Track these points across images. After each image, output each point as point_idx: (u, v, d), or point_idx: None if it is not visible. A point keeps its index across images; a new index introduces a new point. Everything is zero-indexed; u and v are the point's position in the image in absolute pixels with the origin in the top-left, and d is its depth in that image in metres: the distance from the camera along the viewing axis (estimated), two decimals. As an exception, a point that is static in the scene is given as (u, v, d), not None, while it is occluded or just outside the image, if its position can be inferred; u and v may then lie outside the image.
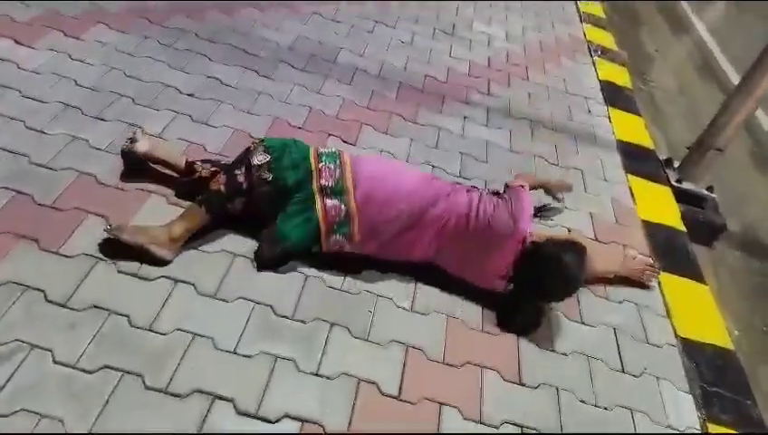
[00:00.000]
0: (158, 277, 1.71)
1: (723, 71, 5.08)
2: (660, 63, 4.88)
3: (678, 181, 3.01)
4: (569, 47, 4.01)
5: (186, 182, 1.95)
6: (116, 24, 2.78)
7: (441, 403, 1.63)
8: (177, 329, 1.60)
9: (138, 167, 1.99)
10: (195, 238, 1.81)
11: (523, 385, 1.74)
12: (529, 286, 1.86)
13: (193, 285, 1.72)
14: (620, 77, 3.80)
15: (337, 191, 1.82)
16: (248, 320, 1.68)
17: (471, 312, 1.91)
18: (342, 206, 1.82)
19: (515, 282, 1.89)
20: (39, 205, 1.82)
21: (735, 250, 3.17)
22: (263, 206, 1.83)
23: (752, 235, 3.39)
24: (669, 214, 2.71)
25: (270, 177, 1.78)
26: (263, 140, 1.85)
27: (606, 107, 3.41)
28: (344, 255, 1.89)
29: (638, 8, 5.80)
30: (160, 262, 1.73)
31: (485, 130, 2.87)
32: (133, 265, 1.72)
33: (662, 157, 3.16)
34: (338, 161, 1.87)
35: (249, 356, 1.59)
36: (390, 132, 2.66)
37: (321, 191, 1.81)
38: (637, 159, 3.01)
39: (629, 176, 2.86)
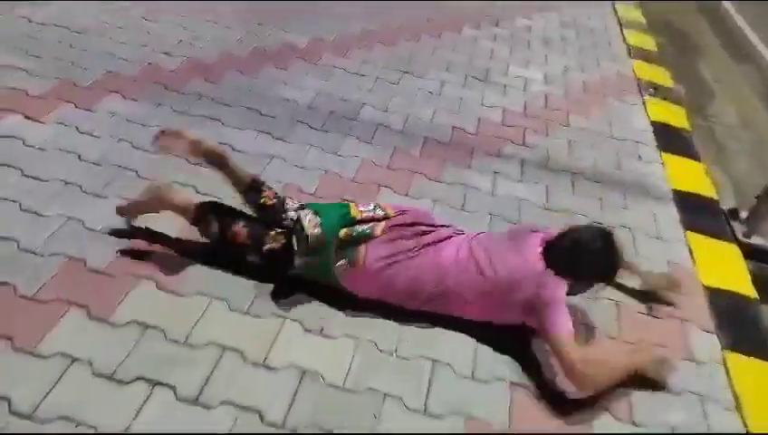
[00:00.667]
0: (134, 380, 1.54)
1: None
2: (721, 96, 4.45)
3: (746, 236, 2.62)
4: (616, 86, 3.70)
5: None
6: (130, 91, 2.74)
7: None
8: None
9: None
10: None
11: None
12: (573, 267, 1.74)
13: (173, 388, 1.54)
14: (675, 117, 3.44)
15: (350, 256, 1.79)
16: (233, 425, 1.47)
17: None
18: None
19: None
20: (20, 296, 1.70)
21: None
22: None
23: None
24: (737, 277, 2.33)
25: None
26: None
27: (659, 152, 3.06)
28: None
29: (694, 38, 5.40)
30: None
31: (519, 185, 2.61)
32: (110, 365, 1.55)
33: (727, 207, 2.78)
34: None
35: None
36: (411, 193, 2.45)
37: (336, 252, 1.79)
38: (696, 212, 2.65)
39: (688, 233, 2.50)
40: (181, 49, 3.20)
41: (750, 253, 2.55)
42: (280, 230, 1.83)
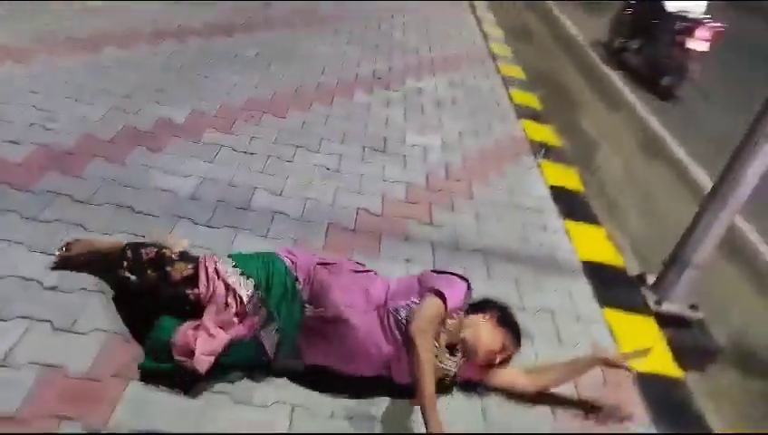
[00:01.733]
0: None
1: (666, 143, 4.94)
2: (604, 145, 4.68)
3: (658, 303, 2.63)
4: (510, 149, 3.71)
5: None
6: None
7: None
8: None
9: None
10: None
11: None
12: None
13: None
14: (570, 179, 3.49)
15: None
16: None
17: None
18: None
19: None
20: None
21: (733, 374, 2.77)
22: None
23: (749, 351, 3.00)
24: (660, 357, 2.29)
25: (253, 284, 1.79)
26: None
27: (562, 219, 3.05)
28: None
29: (570, 89, 5.70)
30: None
31: (433, 274, 2.42)
32: None
33: (634, 273, 2.80)
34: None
35: None
36: (318, 297, 2.17)
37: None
38: (608, 285, 2.62)
39: (605, 309, 2.45)
40: (32, 134, 2.71)
41: (663, 320, 2.55)
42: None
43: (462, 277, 1.92)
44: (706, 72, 5.94)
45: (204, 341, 1.67)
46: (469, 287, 1.90)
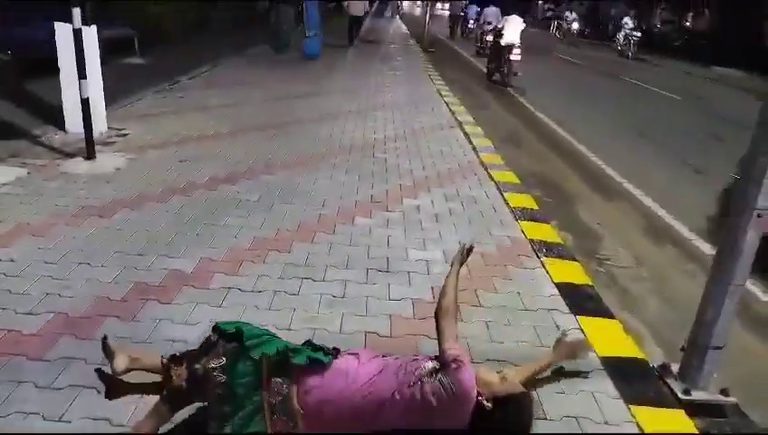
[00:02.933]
0: None
1: (671, 227, 4.96)
2: (608, 237, 4.71)
3: (686, 392, 2.51)
4: (513, 253, 3.75)
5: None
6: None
7: None
8: None
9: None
10: None
11: None
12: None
13: None
14: (576, 274, 3.49)
15: (286, 411, 1.93)
16: None
17: None
18: (291, 423, 1.93)
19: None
20: None
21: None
22: (212, 404, 1.95)
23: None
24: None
25: (224, 379, 1.93)
26: (219, 334, 2.05)
27: (574, 316, 3.01)
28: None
29: (566, 187, 5.85)
30: None
31: (448, 391, 2.37)
32: None
33: (655, 364, 2.70)
34: (290, 380, 1.96)
35: None
36: (332, 432, 2.12)
37: (271, 408, 1.92)
38: (632, 381, 2.53)
39: (633, 408, 2.34)
40: (47, 304, 2.83)
41: (694, 409, 2.43)
42: None
43: None
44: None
45: None
46: None
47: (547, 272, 3.48)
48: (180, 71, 9.77)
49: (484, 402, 1.90)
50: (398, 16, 38.94)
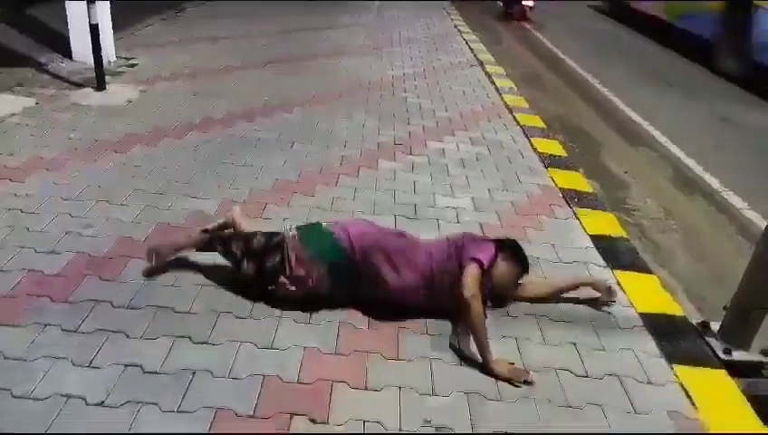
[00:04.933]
0: None
1: (699, 177, 4.81)
2: (635, 186, 4.56)
3: (727, 352, 2.45)
4: (544, 202, 3.62)
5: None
6: (2, 316, 2.22)
7: None
8: None
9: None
10: None
11: None
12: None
13: None
14: (611, 226, 3.38)
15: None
16: None
17: None
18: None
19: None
20: None
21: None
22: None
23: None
24: (742, 415, 2.10)
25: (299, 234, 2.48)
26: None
27: (610, 270, 2.92)
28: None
29: (589, 130, 5.65)
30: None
31: (486, 345, 2.31)
32: None
33: (695, 320, 2.63)
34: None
35: None
36: (370, 385, 2.07)
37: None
38: (673, 338, 2.46)
39: (676, 367, 2.28)
40: (68, 243, 2.74)
41: (734, 370, 2.37)
42: None
43: (491, 240, 2.50)
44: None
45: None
46: (497, 246, 2.44)
47: (580, 223, 3.37)
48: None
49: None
50: None
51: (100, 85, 4.63)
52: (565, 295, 2.64)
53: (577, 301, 2.63)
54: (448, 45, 7.97)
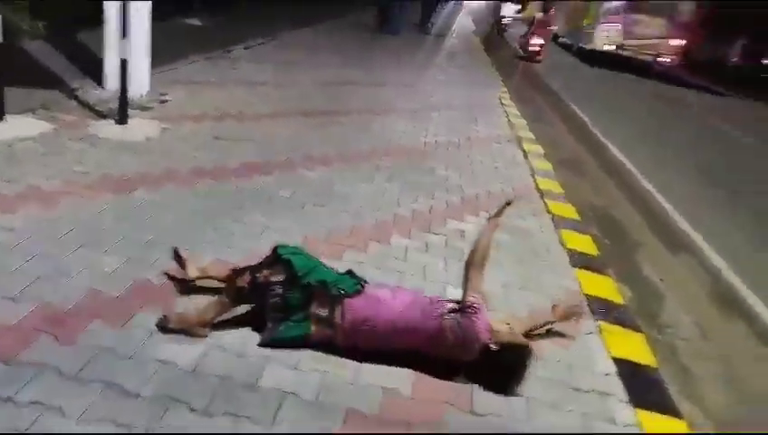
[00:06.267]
0: None
1: (744, 297, 4.36)
2: (671, 297, 4.15)
3: None
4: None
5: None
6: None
7: None
8: None
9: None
10: None
11: None
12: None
13: None
14: (639, 351, 2.98)
15: (327, 324, 2.39)
16: None
17: None
18: (331, 333, 2.40)
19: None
20: None
21: None
22: (268, 304, 2.40)
23: None
24: None
25: (280, 294, 2.38)
26: (283, 256, 2.45)
27: (633, 410, 2.52)
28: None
29: (626, 226, 5.28)
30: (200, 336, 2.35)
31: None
32: None
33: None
34: (333, 301, 2.42)
35: None
36: None
37: (317, 319, 2.39)
38: None
39: None
40: (34, 290, 2.49)
41: None
42: None
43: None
44: None
45: None
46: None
47: (603, 342, 2.99)
48: (237, 38, 9.46)
49: (491, 345, 2.40)
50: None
51: (122, 118, 4.55)
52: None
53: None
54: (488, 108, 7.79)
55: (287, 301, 2.37)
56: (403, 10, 16.01)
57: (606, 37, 16.78)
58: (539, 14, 15.78)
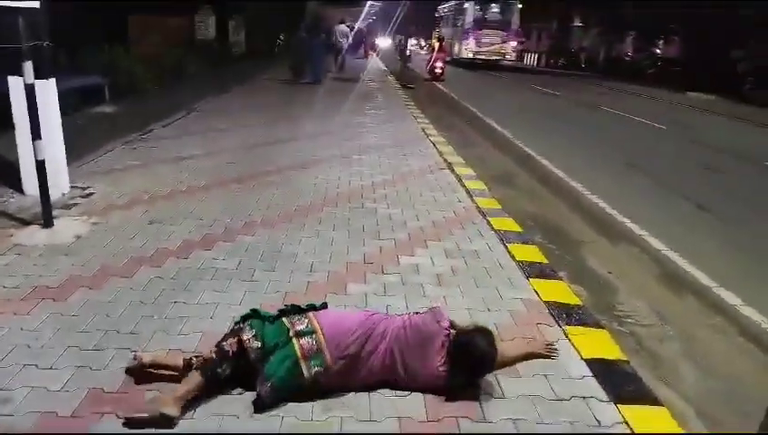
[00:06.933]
0: None
1: (687, 273, 4.59)
2: (622, 288, 4.30)
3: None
4: (530, 321, 3.31)
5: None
6: None
7: None
8: None
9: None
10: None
11: None
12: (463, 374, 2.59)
13: None
14: (607, 347, 3.06)
15: (308, 332, 2.57)
16: None
17: None
18: (314, 341, 2.54)
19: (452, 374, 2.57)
20: None
21: None
22: (253, 361, 2.50)
23: None
24: None
25: (259, 344, 2.52)
26: (247, 320, 2.65)
27: (613, 404, 2.56)
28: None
29: (567, 230, 5.48)
30: (168, 420, 2.28)
31: None
32: None
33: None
34: (305, 317, 2.65)
35: None
36: None
37: (297, 335, 2.55)
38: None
39: None
40: (-23, 427, 2.30)
41: None
42: None
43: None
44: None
45: None
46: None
47: (572, 345, 3.05)
48: (153, 118, 9.31)
49: (452, 331, 2.63)
50: (373, 55, 31.82)
51: (47, 222, 4.33)
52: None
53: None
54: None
55: (266, 345, 2.50)
56: (317, 58, 16.28)
57: (466, 49, 28.83)
58: (436, 44, 20.72)
